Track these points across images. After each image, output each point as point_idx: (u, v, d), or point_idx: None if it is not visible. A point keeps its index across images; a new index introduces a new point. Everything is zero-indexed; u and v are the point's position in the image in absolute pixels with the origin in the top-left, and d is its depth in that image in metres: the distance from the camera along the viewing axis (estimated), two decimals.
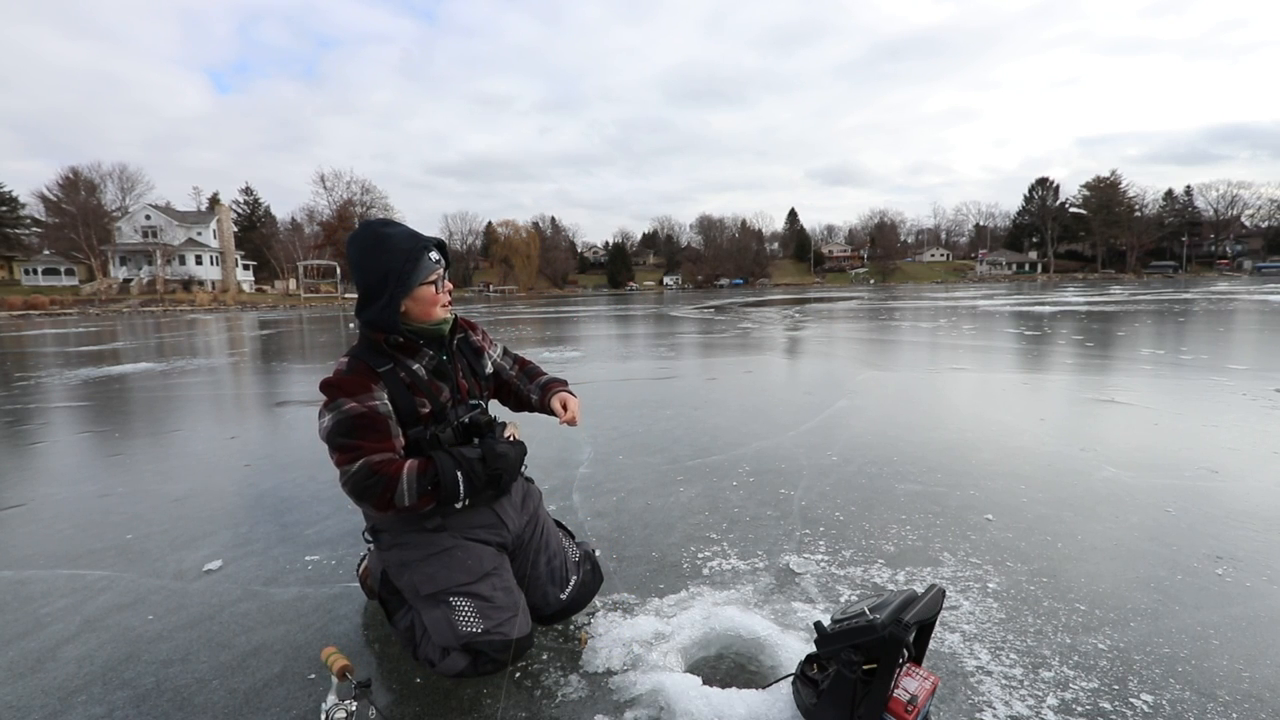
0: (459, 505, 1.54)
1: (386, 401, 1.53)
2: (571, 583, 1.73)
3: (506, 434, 1.65)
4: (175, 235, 56.75)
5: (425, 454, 1.56)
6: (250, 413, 5.16)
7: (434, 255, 1.58)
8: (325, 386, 1.52)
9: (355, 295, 1.62)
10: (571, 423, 1.72)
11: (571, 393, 1.81)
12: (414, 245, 1.54)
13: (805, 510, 2.53)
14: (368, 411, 1.49)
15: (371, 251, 1.54)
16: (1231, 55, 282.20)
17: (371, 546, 1.70)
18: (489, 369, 1.82)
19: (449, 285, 1.65)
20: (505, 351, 1.93)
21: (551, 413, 1.78)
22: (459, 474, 1.50)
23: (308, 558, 2.21)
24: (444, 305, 1.64)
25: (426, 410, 1.59)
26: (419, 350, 1.62)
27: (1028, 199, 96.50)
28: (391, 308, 1.53)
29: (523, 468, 1.74)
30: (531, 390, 1.85)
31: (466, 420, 1.63)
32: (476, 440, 1.63)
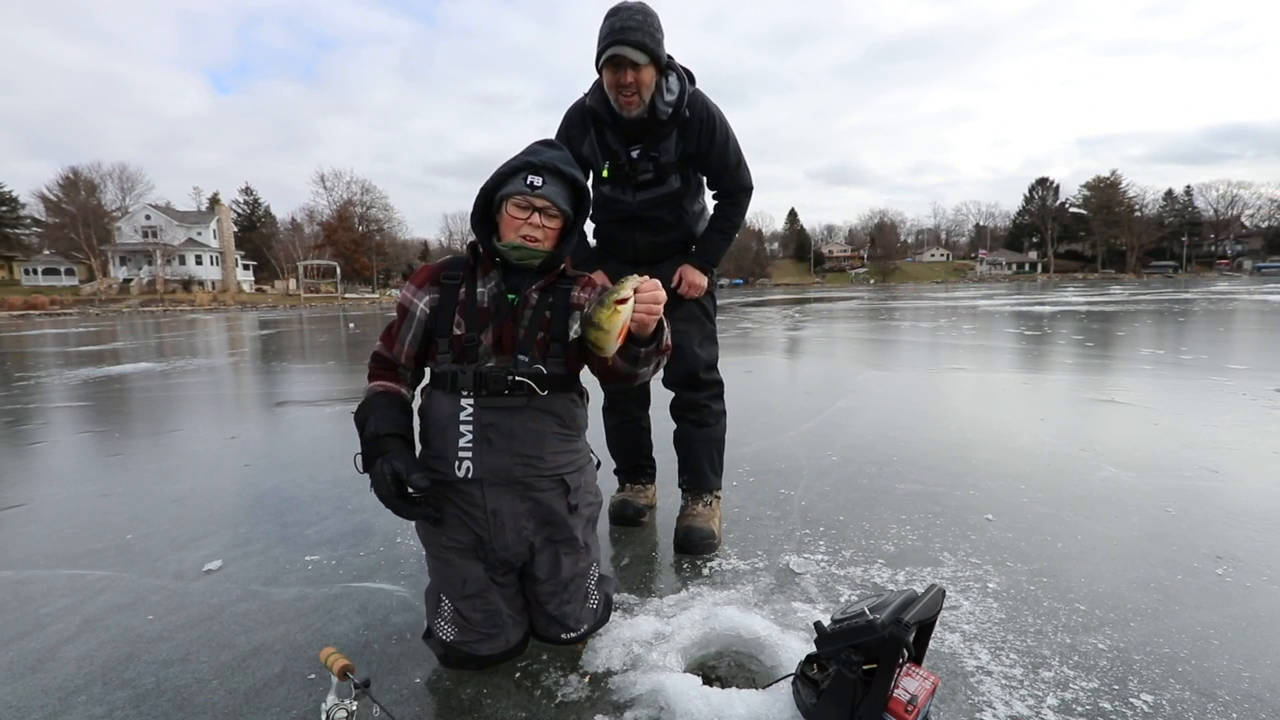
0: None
1: (425, 307, 1.55)
2: (584, 628, 1.61)
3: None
4: (175, 235, 56.77)
5: (424, 386, 1.61)
6: (250, 413, 5.16)
7: (533, 180, 1.49)
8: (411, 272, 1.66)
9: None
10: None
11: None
12: (521, 162, 1.53)
13: (805, 510, 2.53)
14: (403, 303, 1.58)
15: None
16: (1231, 55, 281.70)
17: None
18: (573, 334, 1.52)
19: (536, 220, 1.49)
20: None
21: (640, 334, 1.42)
22: (361, 446, 1.47)
23: (308, 558, 2.21)
24: (523, 235, 1.49)
25: (460, 332, 1.50)
26: (490, 272, 1.54)
27: (1028, 199, 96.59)
28: (477, 210, 1.56)
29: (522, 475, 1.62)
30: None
31: (483, 371, 1.48)
32: (471, 403, 1.48)
